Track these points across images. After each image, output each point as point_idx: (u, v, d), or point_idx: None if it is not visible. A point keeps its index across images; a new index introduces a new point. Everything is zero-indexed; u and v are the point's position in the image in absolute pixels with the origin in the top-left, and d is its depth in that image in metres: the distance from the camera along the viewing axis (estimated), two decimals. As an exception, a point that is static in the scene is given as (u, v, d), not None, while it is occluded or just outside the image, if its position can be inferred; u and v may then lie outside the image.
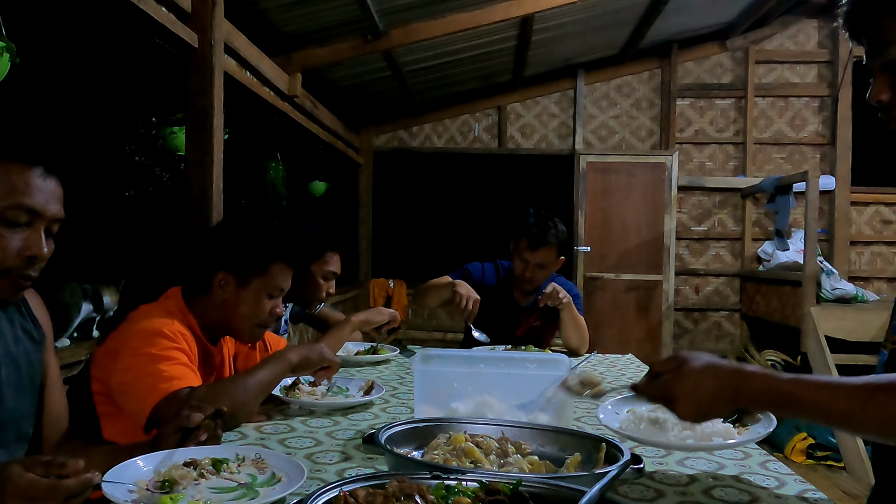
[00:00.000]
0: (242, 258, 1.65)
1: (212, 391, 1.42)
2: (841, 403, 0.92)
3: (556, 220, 2.74)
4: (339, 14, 3.85)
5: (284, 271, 1.71)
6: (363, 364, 2.41)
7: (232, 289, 1.64)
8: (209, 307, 1.65)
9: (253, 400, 1.50)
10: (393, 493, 0.87)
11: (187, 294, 1.66)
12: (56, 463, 0.91)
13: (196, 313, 1.65)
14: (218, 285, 1.64)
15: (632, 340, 5.84)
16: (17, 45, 1.87)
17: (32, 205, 1.12)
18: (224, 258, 1.65)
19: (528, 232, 2.67)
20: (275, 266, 1.68)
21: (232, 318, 1.66)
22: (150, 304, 1.63)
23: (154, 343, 1.47)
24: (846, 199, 5.98)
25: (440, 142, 6.42)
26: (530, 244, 2.66)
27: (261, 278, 1.66)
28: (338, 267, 2.38)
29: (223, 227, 1.83)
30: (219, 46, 2.91)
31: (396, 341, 5.89)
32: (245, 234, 1.70)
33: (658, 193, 5.96)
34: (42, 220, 1.14)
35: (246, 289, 1.65)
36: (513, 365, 1.73)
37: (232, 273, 1.64)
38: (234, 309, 1.65)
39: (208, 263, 1.66)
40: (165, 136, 3.76)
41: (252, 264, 1.66)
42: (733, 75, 6.21)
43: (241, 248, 1.66)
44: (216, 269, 1.64)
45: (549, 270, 2.74)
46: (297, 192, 5.40)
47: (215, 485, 1.08)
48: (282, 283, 1.70)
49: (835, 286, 4.85)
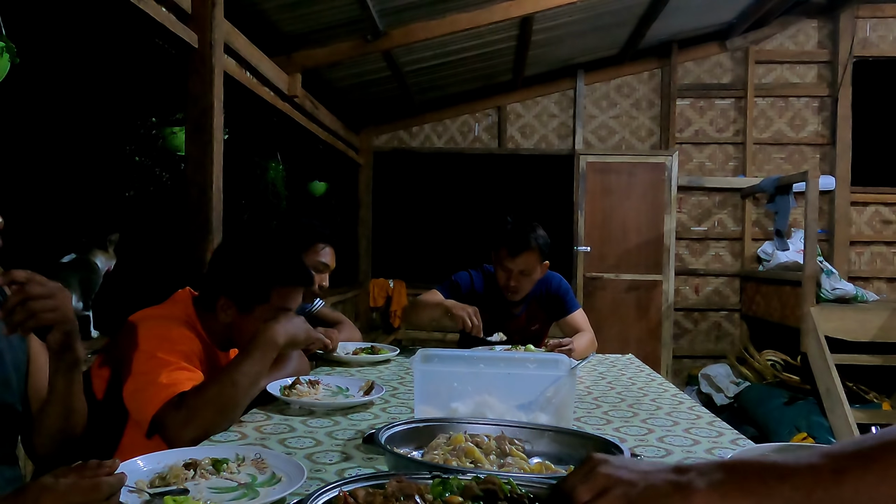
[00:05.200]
0: (242, 288, 1.62)
1: (202, 395, 1.41)
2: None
3: (535, 224, 2.65)
4: (339, 14, 3.85)
5: (289, 293, 1.65)
6: (363, 364, 2.40)
7: (234, 313, 1.62)
8: (215, 323, 1.64)
9: (244, 395, 1.49)
10: (393, 493, 0.87)
11: (198, 304, 1.66)
12: (91, 465, 0.92)
13: (204, 323, 1.64)
14: (220, 309, 1.62)
15: (632, 340, 5.84)
16: (17, 45, 1.87)
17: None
18: (224, 285, 1.62)
19: (506, 240, 2.60)
20: (276, 291, 1.63)
21: (238, 341, 1.64)
22: (157, 306, 1.62)
23: (162, 348, 1.47)
24: (846, 199, 5.98)
25: (440, 142, 6.42)
26: (510, 251, 2.58)
27: (264, 305, 1.62)
28: (330, 260, 2.38)
29: (223, 252, 1.76)
30: (219, 46, 2.91)
31: (396, 341, 5.89)
32: (243, 263, 1.65)
33: (658, 193, 5.96)
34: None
35: (249, 315, 1.62)
36: (513, 365, 1.73)
37: (233, 300, 1.61)
38: (238, 332, 1.63)
39: (211, 287, 1.64)
40: (165, 136, 3.76)
41: (252, 294, 1.62)
42: (733, 75, 6.21)
43: (240, 278, 1.62)
44: (218, 293, 1.62)
45: (533, 277, 2.65)
46: (297, 192, 5.39)
47: (215, 485, 1.08)
48: (287, 305, 1.65)
49: (835, 286, 4.84)
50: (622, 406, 1.82)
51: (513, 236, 2.60)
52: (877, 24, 6.02)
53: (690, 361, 6.13)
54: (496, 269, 2.68)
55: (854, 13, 5.94)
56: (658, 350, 5.92)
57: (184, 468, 1.10)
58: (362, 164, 6.33)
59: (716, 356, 6.02)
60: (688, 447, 1.43)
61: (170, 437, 1.38)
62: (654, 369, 2.49)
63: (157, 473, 1.10)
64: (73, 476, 0.90)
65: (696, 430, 1.57)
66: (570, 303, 2.81)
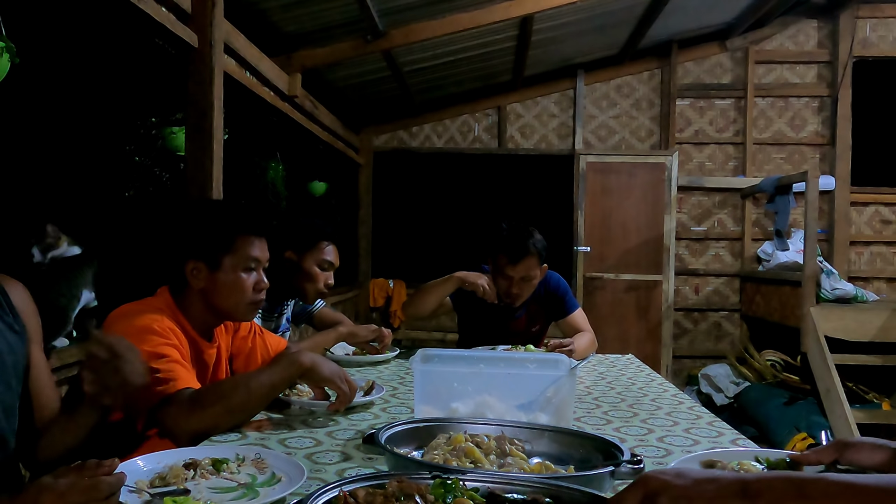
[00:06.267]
0: (204, 240, 1.60)
1: (214, 391, 1.42)
2: None
3: (531, 229, 2.63)
4: (339, 14, 3.85)
5: (253, 242, 1.64)
6: (363, 364, 2.41)
7: (205, 275, 1.60)
8: (193, 300, 1.62)
9: (255, 403, 1.48)
10: (393, 493, 0.87)
11: (173, 292, 1.64)
12: (90, 465, 0.92)
13: (184, 309, 1.62)
14: (191, 275, 1.60)
15: (632, 340, 5.84)
16: (17, 45, 1.87)
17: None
18: (188, 246, 1.61)
19: (505, 247, 2.56)
20: (241, 239, 1.62)
21: (217, 304, 1.62)
22: (136, 302, 1.61)
23: (145, 340, 1.44)
24: (846, 199, 5.98)
25: (440, 142, 6.42)
26: (510, 259, 2.55)
27: (230, 255, 1.60)
28: (335, 258, 2.38)
29: (180, 215, 1.77)
30: (219, 46, 2.91)
31: (396, 341, 5.89)
32: (201, 217, 1.65)
33: (658, 193, 5.96)
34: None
35: (219, 271, 1.60)
36: (513, 365, 1.73)
37: (200, 259, 1.59)
38: (215, 294, 1.61)
39: (176, 256, 1.62)
40: (165, 136, 3.75)
41: (216, 244, 1.60)
42: (733, 75, 6.21)
43: (201, 231, 1.62)
44: (184, 259, 1.60)
45: (534, 282, 2.63)
46: (297, 192, 5.39)
47: (215, 485, 1.08)
48: (254, 254, 1.63)
49: (834, 286, 4.85)
50: (622, 406, 1.82)
51: (511, 243, 2.57)
52: (877, 24, 6.02)
53: (690, 361, 6.13)
54: (495, 277, 2.63)
55: (854, 13, 5.93)
56: (658, 350, 5.92)
57: (184, 468, 1.10)
58: (362, 164, 6.33)
59: (716, 356, 6.01)
60: (688, 447, 1.43)
61: (171, 428, 1.38)
62: (654, 369, 2.49)
63: (157, 473, 1.10)
64: (73, 476, 0.90)
65: (696, 431, 1.57)
66: (570, 303, 2.80)
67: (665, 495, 0.75)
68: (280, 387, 1.52)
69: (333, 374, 1.57)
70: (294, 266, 2.32)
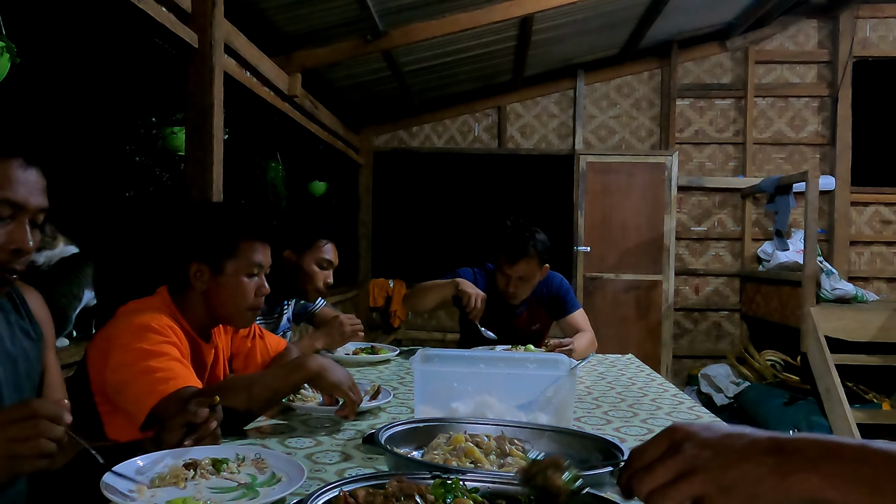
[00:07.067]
0: (209, 244, 1.61)
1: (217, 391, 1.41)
2: None
3: (534, 229, 2.65)
4: (339, 14, 3.85)
5: (257, 247, 1.64)
6: (363, 364, 2.40)
7: (208, 278, 1.60)
8: (194, 301, 1.62)
9: (256, 407, 1.47)
10: (393, 493, 0.87)
11: (173, 291, 1.64)
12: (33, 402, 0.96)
13: (183, 309, 1.62)
14: (194, 277, 1.60)
15: (631, 340, 5.84)
16: (17, 45, 1.87)
17: (14, 198, 1.10)
18: (192, 248, 1.61)
19: (504, 247, 2.60)
20: (244, 244, 1.62)
21: (217, 307, 1.62)
22: (138, 300, 1.61)
23: (144, 338, 1.44)
24: (846, 200, 5.98)
25: (440, 142, 6.42)
26: (508, 259, 2.59)
27: (233, 260, 1.61)
28: (333, 257, 2.37)
29: (186, 217, 1.77)
30: (219, 46, 2.91)
31: (396, 341, 5.89)
32: (206, 220, 1.66)
33: (658, 193, 5.96)
34: (25, 213, 1.12)
35: (222, 275, 1.60)
36: (513, 365, 1.73)
37: (204, 262, 1.60)
38: (216, 298, 1.61)
39: (180, 257, 1.62)
40: (165, 136, 3.76)
41: (220, 248, 1.61)
42: (733, 75, 6.21)
43: (205, 234, 1.62)
44: (188, 261, 1.60)
45: (532, 282, 2.66)
46: (297, 192, 5.39)
47: (215, 485, 1.08)
48: (257, 260, 1.64)
49: (834, 286, 4.85)
50: (622, 406, 1.82)
51: (511, 244, 2.59)
52: (877, 24, 6.02)
53: (690, 361, 6.13)
54: (496, 274, 2.69)
55: (854, 13, 5.93)
56: (658, 350, 5.92)
57: (184, 468, 1.10)
58: (362, 164, 6.33)
59: (716, 356, 6.02)
60: (688, 447, 1.43)
61: None
62: (654, 369, 2.49)
63: (157, 473, 1.10)
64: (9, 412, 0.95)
65: (696, 430, 1.56)
66: (571, 303, 2.81)
67: (691, 442, 0.72)
68: (283, 392, 1.51)
69: (340, 381, 1.54)
70: (293, 265, 2.32)
